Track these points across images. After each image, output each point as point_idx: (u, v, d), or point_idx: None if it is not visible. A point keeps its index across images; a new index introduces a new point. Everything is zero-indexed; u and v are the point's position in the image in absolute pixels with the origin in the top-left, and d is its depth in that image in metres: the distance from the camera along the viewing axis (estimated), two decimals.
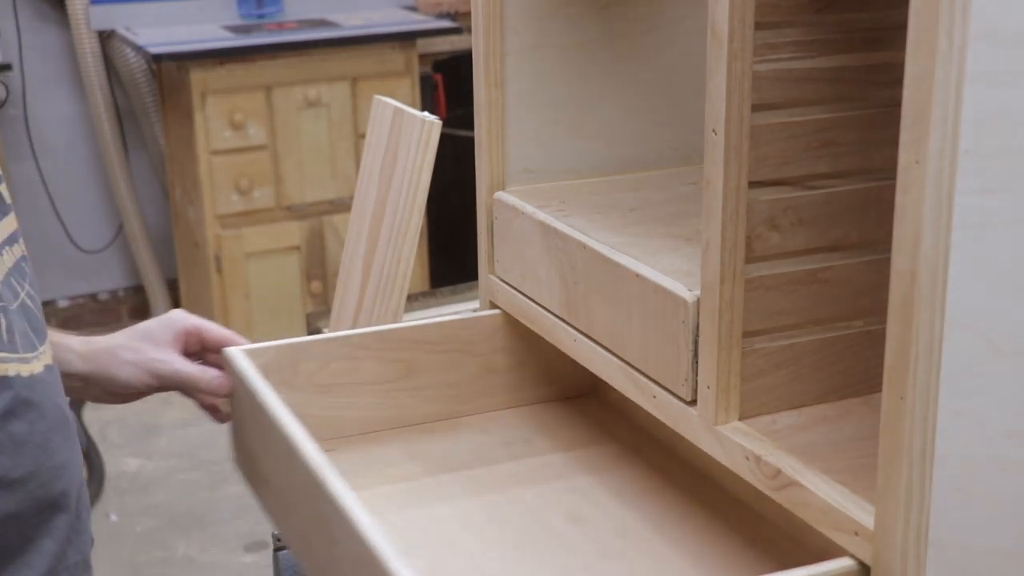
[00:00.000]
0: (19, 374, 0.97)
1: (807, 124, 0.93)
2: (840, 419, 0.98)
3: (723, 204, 0.92)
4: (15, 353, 0.97)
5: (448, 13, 3.91)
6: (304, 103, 3.51)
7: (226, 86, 3.42)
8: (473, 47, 1.27)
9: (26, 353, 0.99)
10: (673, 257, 1.07)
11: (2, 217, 1.01)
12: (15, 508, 0.96)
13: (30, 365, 0.99)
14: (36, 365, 1.00)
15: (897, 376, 0.78)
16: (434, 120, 1.63)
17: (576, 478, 1.21)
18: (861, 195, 0.95)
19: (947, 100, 0.71)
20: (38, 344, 1.02)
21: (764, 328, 0.96)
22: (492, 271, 1.30)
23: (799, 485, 0.89)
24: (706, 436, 0.98)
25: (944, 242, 0.74)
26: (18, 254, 1.03)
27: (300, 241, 3.59)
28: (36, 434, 0.97)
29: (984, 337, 0.76)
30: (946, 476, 0.78)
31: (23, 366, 0.98)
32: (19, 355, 0.97)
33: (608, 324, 1.10)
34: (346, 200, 3.44)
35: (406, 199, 1.65)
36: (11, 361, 0.96)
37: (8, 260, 1.01)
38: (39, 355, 1.01)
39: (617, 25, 1.29)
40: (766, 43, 0.90)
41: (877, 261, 0.96)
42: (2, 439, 0.95)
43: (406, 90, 3.57)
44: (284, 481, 1.07)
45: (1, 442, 0.94)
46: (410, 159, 1.64)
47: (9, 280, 1.00)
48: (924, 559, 0.80)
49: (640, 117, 1.32)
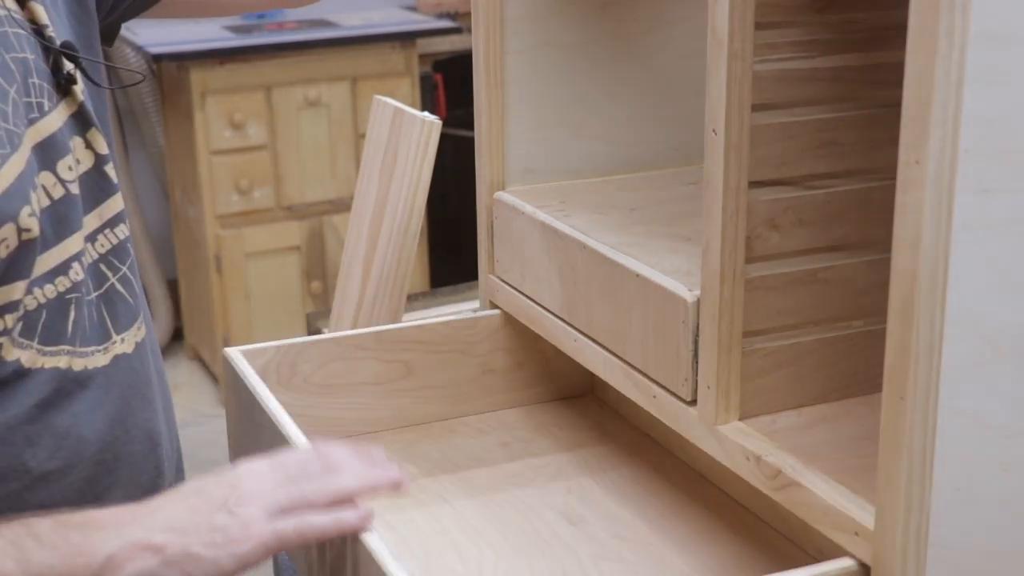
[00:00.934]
0: (71, 367, 0.96)
1: (807, 124, 0.93)
2: (840, 419, 0.98)
3: (723, 204, 0.92)
4: (72, 346, 0.97)
5: (448, 13, 3.91)
6: (304, 103, 3.51)
7: (226, 86, 3.42)
8: (473, 47, 1.27)
9: (88, 347, 0.98)
10: (673, 257, 1.07)
11: (106, 198, 1.01)
12: (49, 500, 0.95)
13: (89, 359, 0.98)
14: (99, 359, 0.99)
15: (897, 376, 0.78)
16: (434, 120, 1.63)
17: (574, 479, 1.21)
18: (861, 195, 0.95)
19: (947, 100, 0.71)
20: (114, 334, 1.01)
21: (764, 328, 0.96)
22: (492, 271, 1.30)
23: (799, 485, 0.89)
24: (706, 436, 0.98)
25: (944, 242, 0.74)
26: (121, 236, 1.03)
27: (300, 241, 3.59)
28: (81, 427, 0.97)
29: (984, 337, 0.76)
30: (946, 476, 0.78)
31: (78, 360, 0.97)
32: (76, 348, 0.97)
33: (608, 324, 1.10)
34: (346, 200, 3.44)
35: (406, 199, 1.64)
36: (64, 354, 0.96)
37: (103, 244, 1.01)
38: (108, 347, 1.00)
39: (617, 25, 1.29)
40: (766, 43, 0.90)
41: (877, 261, 0.96)
42: (38, 430, 0.94)
43: (406, 90, 3.57)
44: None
45: (37, 433, 0.94)
46: (410, 159, 1.64)
47: (98, 266, 1.00)
48: (924, 559, 0.80)
49: (640, 117, 1.32)
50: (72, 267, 0.96)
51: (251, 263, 3.54)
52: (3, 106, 0.91)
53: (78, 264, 0.97)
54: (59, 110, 0.98)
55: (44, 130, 0.95)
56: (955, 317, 0.75)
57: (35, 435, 0.94)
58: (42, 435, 0.95)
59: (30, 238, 0.91)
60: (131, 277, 1.04)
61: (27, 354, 0.93)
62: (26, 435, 0.94)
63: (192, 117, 3.40)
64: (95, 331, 0.99)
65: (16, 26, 0.96)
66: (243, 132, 3.46)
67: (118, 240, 1.03)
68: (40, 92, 0.96)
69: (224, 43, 3.48)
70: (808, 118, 0.93)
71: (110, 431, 0.99)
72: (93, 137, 1.02)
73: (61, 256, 0.95)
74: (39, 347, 0.94)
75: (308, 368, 1.24)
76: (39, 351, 0.94)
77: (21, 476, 0.94)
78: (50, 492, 0.96)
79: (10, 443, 0.93)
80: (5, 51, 0.94)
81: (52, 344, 0.94)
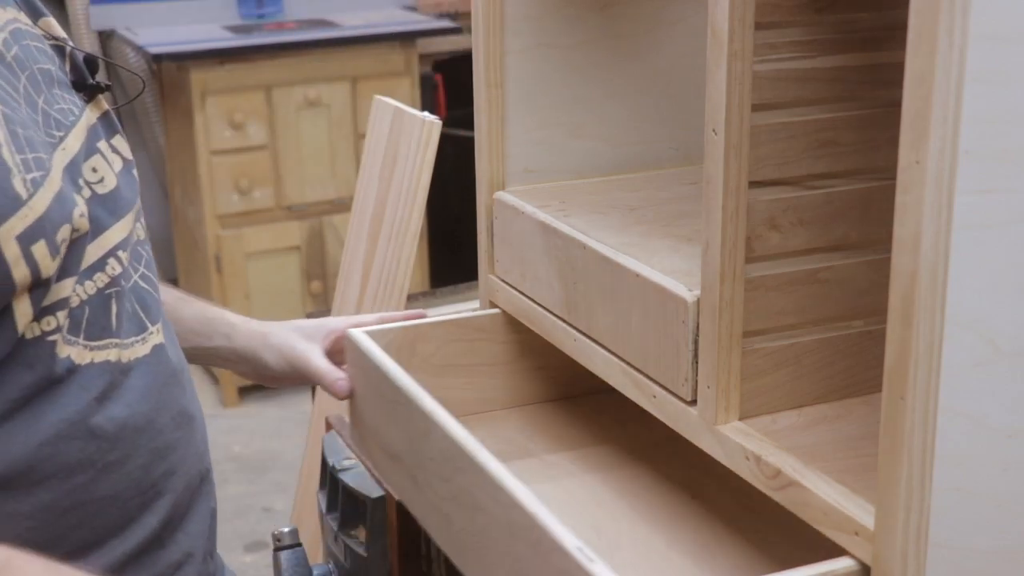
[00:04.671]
0: (120, 359, 1.00)
1: (807, 124, 0.93)
2: (840, 419, 0.98)
3: (723, 204, 0.92)
4: (119, 339, 1.01)
5: (448, 13, 3.91)
6: (304, 103, 3.51)
7: (226, 86, 3.42)
8: (473, 47, 1.27)
9: (129, 337, 1.02)
10: (673, 257, 1.07)
11: (135, 199, 1.07)
12: (112, 490, 0.99)
13: (132, 350, 1.02)
14: (140, 348, 1.03)
15: (897, 376, 0.78)
16: (434, 120, 1.63)
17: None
18: (861, 195, 0.95)
19: (947, 100, 0.71)
20: (149, 325, 1.05)
21: (764, 328, 0.96)
22: (492, 271, 1.30)
23: (799, 485, 0.89)
24: (706, 436, 0.98)
25: (944, 242, 0.74)
26: (141, 235, 1.08)
27: (300, 241, 3.59)
28: (136, 416, 1.01)
29: (984, 337, 0.76)
30: (946, 476, 0.78)
31: (124, 351, 1.01)
32: (123, 340, 1.01)
33: (608, 324, 1.10)
34: (346, 200, 3.44)
35: (406, 199, 1.65)
36: (112, 347, 1.00)
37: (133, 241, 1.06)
38: (146, 337, 1.04)
39: (617, 25, 1.29)
40: (766, 43, 0.90)
41: (877, 261, 0.96)
42: (100, 422, 0.98)
43: (406, 90, 3.57)
44: (417, 455, 1.09)
45: (99, 425, 0.98)
46: (410, 159, 1.64)
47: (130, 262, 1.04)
48: (924, 559, 0.80)
49: (640, 117, 1.32)
50: (108, 263, 1.00)
51: (251, 263, 3.54)
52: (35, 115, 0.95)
53: (114, 260, 1.01)
54: (86, 117, 1.02)
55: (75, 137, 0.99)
56: (955, 317, 0.75)
57: (97, 428, 0.98)
58: (103, 427, 0.98)
59: (79, 236, 0.95)
60: (149, 274, 1.09)
61: (75, 350, 0.97)
62: (89, 428, 0.97)
63: (192, 117, 3.40)
64: (133, 322, 1.03)
65: (36, 39, 1.00)
66: (243, 132, 3.46)
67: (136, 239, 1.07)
68: (67, 100, 1.00)
69: (224, 43, 3.48)
70: (808, 118, 0.93)
71: (158, 418, 1.03)
72: (119, 143, 1.07)
73: (96, 253, 0.99)
74: (85, 343, 0.98)
75: (427, 349, 1.27)
76: (86, 346, 0.97)
77: (87, 469, 0.98)
78: (113, 482, 1.00)
79: (76, 438, 0.96)
80: (32, 63, 0.98)
81: (98, 339, 0.99)
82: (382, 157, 1.72)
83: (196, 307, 1.29)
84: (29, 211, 0.89)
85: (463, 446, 0.98)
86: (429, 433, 1.05)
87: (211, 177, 3.45)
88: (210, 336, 1.27)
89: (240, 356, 1.28)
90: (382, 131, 1.73)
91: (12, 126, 0.91)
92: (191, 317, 1.27)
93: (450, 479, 1.03)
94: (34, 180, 0.90)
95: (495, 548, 0.96)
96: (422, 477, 1.10)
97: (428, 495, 1.09)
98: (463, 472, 1.00)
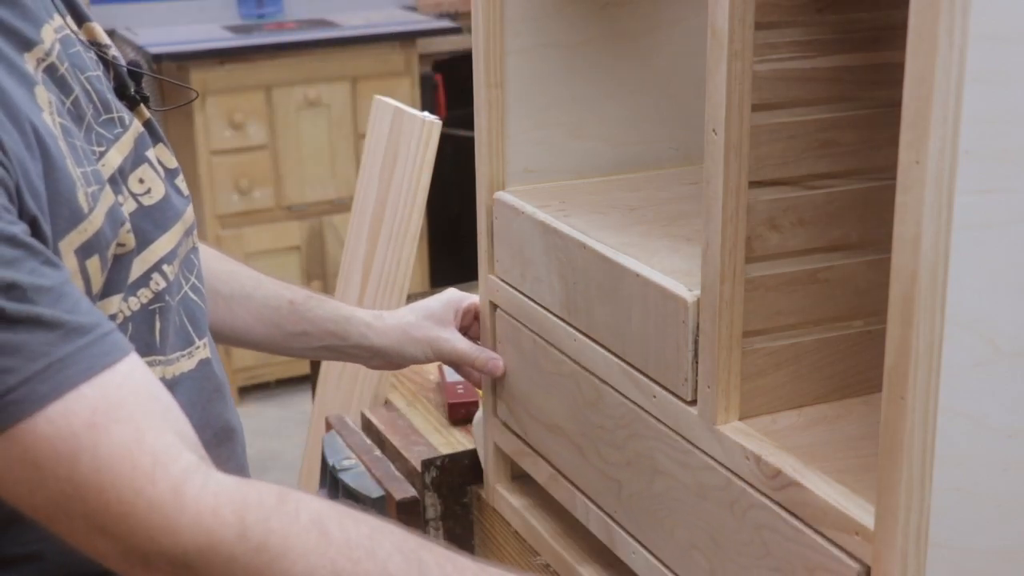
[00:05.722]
0: (164, 376, 0.98)
1: (807, 124, 0.93)
2: (840, 419, 0.98)
3: (723, 204, 0.92)
4: (163, 355, 0.99)
5: (448, 13, 3.91)
6: (304, 103, 3.51)
7: (226, 86, 3.42)
8: (473, 47, 1.27)
9: (175, 352, 1.00)
10: (673, 257, 1.07)
11: (184, 209, 1.05)
12: None
13: (176, 365, 1.00)
14: (185, 363, 1.01)
15: (897, 376, 0.78)
16: (434, 120, 1.63)
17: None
18: (861, 195, 0.95)
19: (947, 100, 0.71)
20: (196, 339, 1.03)
21: (764, 328, 0.96)
22: (492, 271, 1.30)
23: (799, 485, 0.89)
24: (706, 436, 0.98)
25: (944, 242, 0.74)
26: (190, 246, 1.06)
27: (300, 241, 3.59)
28: None
29: (984, 337, 0.76)
30: (946, 476, 0.78)
31: (167, 368, 0.99)
32: (167, 356, 0.99)
33: (608, 324, 1.10)
34: (346, 200, 3.44)
35: (406, 199, 1.65)
36: (156, 365, 0.98)
37: (182, 252, 1.03)
38: (192, 352, 1.03)
39: (617, 25, 1.29)
40: (766, 43, 0.90)
41: (877, 261, 0.96)
42: None
43: (406, 90, 3.57)
44: (583, 424, 1.15)
45: None
46: (410, 159, 1.64)
47: (178, 275, 1.02)
48: (924, 559, 0.80)
49: (640, 117, 1.32)
50: (152, 277, 0.98)
51: (251, 263, 3.53)
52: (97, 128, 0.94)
53: (158, 274, 0.99)
54: (133, 127, 1.01)
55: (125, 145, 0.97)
56: (955, 317, 0.75)
57: None
58: None
59: (124, 252, 0.93)
60: (199, 285, 1.07)
61: None
62: None
63: (192, 117, 3.40)
64: (179, 337, 1.01)
65: (83, 46, 0.98)
66: (243, 132, 3.46)
67: (187, 251, 1.05)
68: (117, 108, 0.99)
69: (224, 43, 3.48)
70: (808, 118, 0.93)
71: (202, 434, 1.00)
72: (161, 152, 1.05)
73: (141, 268, 0.97)
74: None
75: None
76: None
77: None
78: None
79: None
80: (81, 71, 0.96)
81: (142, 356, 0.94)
82: (382, 157, 1.72)
83: (329, 306, 1.30)
84: (89, 225, 0.88)
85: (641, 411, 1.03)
86: (599, 401, 1.10)
87: (211, 177, 3.45)
88: (346, 336, 1.29)
89: (378, 352, 1.30)
90: (382, 131, 1.73)
91: (71, 139, 0.89)
92: (326, 317, 1.28)
93: (623, 446, 1.09)
94: (93, 194, 0.89)
95: (679, 510, 1.01)
96: (588, 445, 1.14)
97: (595, 462, 1.14)
98: (641, 438, 1.06)
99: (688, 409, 1.00)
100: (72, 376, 0.78)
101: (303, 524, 0.81)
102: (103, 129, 0.96)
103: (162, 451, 0.79)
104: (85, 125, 0.94)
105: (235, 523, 0.79)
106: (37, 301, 0.78)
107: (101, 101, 0.96)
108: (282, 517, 0.80)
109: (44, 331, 0.77)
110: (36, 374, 0.77)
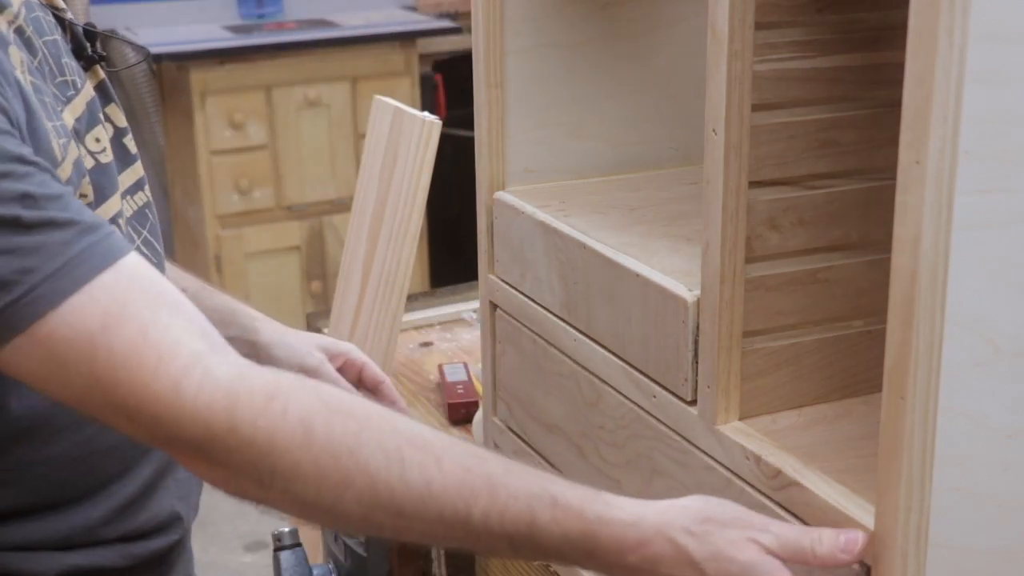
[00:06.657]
0: None
1: (807, 124, 0.93)
2: (840, 419, 0.98)
3: (723, 204, 0.92)
4: None
5: (448, 13, 3.91)
6: (304, 103, 3.51)
7: (226, 86, 3.42)
8: (473, 47, 1.26)
9: None
10: (673, 257, 1.07)
11: (125, 167, 1.09)
12: (115, 441, 1.03)
13: None
14: None
15: (897, 376, 0.78)
16: (434, 120, 1.63)
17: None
18: (861, 195, 0.95)
19: (947, 100, 0.71)
20: None
21: (764, 328, 0.96)
22: (492, 271, 1.30)
23: (799, 485, 0.89)
24: (706, 436, 0.98)
25: (944, 242, 0.74)
26: (141, 202, 1.10)
27: (300, 241, 3.59)
28: None
29: (984, 337, 0.76)
30: (946, 476, 0.78)
31: None
32: None
33: (608, 324, 1.10)
34: (346, 200, 3.44)
35: (406, 199, 1.64)
36: None
37: (128, 209, 1.07)
38: None
39: (617, 25, 1.29)
40: (766, 43, 0.90)
41: (877, 261, 0.96)
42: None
43: (406, 90, 3.57)
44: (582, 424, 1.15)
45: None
46: (410, 159, 1.64)
47: (127, 230, 1.06)
48: (924, 559, 0.80)
49: (640, 117, 1.32)
50: None
51: (251, 263, 3.54)
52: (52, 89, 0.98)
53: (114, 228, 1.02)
54: (86, 88, 1.05)
55: (78, 107, 1.02)
56: (955, 317, 0.75)
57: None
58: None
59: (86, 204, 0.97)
60: (152, 239, 1.11)
61: None
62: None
63: (192, 117, 3.41)
64: None
65: (41, 10, 1.03)
66: (243, 132, 3.46)
67: (137, 206, 1.09)
68: (72, 71, 1.03)
69: (224, 43, 3.48)
70: (808, 118, 0.93)
71: None
72: (112, 111, 1.10)
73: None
74: None
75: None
76: None
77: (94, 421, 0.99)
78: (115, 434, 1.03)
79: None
80: (39, 35, 1.00)
81: None
82: (382, 157, 1.72)
83: (219, 298, 1.32)
84: (62, 172, 0.93)
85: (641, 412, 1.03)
86: (599, 401, 1.10)
87: (211, 177, 3.45)
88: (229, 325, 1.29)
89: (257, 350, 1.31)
90: (382, 131, 1.73)
91: (40, 95, 0.94)
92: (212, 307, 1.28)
93: (623, 446, 1.09)
94: (63, 145, 0.94)
95: None
96: (588, 446, 1.14)
97: (595, 462, 1.14)
98: (641, 438, 1.06)
99: (688, 409, 1.00)
100: (89, 270, 0.85)
101: (289, 422, 0.85)
102: (58, 91, 1.01)
103: (166, 348, 0.85)
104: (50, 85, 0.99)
105: (226, 419, 0.84)
106: (49, 207, 0.84)
107: (56, 64, 1.01)
108: (268, 415, 0.85)
109: (59, 231, 0.84)
110: (56, 271, 0.83)
